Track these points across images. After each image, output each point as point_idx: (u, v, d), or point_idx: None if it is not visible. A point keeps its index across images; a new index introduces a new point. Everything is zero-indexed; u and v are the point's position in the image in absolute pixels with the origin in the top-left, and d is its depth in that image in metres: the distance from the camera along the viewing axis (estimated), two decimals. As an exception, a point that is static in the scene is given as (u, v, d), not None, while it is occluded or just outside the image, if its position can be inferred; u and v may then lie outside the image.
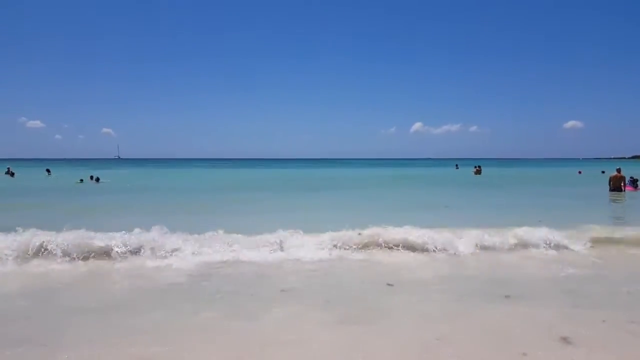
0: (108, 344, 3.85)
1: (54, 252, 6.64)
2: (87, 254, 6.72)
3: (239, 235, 7.58)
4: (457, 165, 56.70)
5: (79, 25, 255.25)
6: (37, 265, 6.47)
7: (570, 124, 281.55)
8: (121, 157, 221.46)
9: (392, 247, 7.19)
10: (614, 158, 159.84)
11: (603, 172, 34.42)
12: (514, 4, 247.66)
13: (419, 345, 3.83)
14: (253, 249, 7.02)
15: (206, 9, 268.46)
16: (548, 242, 7.46)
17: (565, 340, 3.85)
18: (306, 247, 7.01)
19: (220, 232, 7.60)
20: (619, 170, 20.01)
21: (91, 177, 29.77)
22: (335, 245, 7.14)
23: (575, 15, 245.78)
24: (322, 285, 5.73)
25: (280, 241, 7.14)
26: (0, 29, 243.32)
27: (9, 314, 4.67)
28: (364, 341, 3.90)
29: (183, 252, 6.81)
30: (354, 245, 7.20)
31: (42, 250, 6.72)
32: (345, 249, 7.12)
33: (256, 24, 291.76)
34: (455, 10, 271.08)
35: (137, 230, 7.24)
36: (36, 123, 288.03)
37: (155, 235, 7.09)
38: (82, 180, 29.19)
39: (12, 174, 35.65)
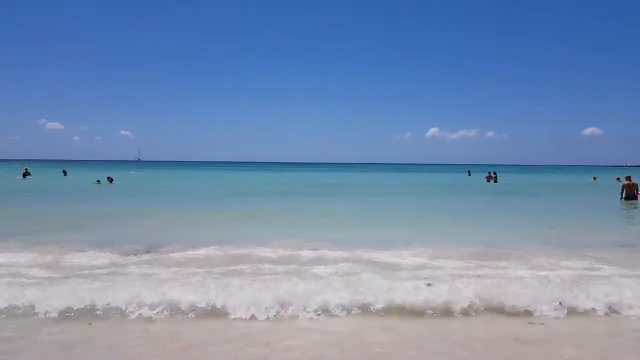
0: None
1: None
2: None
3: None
4: (469, 171, 55.03)
5: (95, 26, 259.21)
6: None
7: (590, 130, 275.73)
8: (142, 160, 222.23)
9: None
10: (630, 166, 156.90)
11: (618, 179, 34.13)
12: (532, 9, 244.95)
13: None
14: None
15: (222, 9, 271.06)
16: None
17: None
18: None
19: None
20: (628, 178, 19.95)
21: (108, 178, 30.53)
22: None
23: (596, 22, 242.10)
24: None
25: None
26: (19, 31, 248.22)
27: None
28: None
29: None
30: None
31: None
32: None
33: (274, 28, 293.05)
34: (472, 14, 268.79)
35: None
36: (55, 125, 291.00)
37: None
38: (99, 181, 29.94)
39: (24, 176, 35.67)
